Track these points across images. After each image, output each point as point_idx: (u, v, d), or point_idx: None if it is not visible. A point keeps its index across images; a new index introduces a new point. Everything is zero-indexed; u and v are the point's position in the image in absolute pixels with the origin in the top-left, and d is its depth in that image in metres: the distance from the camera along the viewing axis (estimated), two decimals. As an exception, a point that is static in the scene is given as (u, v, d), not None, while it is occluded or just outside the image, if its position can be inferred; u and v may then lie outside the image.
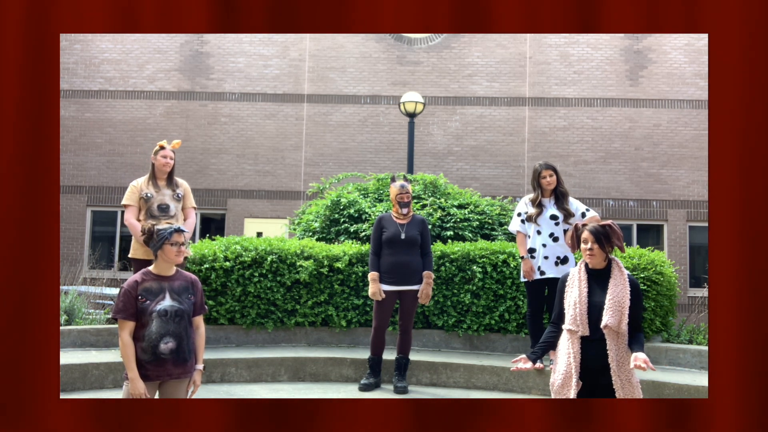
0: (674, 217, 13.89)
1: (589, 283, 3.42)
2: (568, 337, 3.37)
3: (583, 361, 3.33)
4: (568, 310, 3.40)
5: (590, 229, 3.40)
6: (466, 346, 6.36)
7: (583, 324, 3.33)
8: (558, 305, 3.51)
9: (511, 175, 14.17)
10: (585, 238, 3.41)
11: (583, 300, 3.35)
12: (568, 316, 3.39)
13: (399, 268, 5.26)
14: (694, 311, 12.07)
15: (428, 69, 14.46)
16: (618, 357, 3.29)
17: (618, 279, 3.38)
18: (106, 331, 6.00)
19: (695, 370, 5.72)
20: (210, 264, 6.28)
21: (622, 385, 3.28)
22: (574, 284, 3.43)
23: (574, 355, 3.32)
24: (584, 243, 3.41)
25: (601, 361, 3.30)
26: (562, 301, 3.48)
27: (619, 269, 3.42)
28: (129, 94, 14.48)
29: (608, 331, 3.30)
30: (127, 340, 3.19)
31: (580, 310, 3.34)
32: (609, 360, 3.28)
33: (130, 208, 5.41)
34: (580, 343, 3.34)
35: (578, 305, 3.35)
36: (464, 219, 7.29)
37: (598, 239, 3.38)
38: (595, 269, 3.45)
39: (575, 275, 3.46)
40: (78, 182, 14.31)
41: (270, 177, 14.31)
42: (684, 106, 14.16)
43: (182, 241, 3.29)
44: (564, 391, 3.34)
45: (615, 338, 3.31)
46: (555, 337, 3.51)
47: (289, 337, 6.40)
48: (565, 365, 3.35)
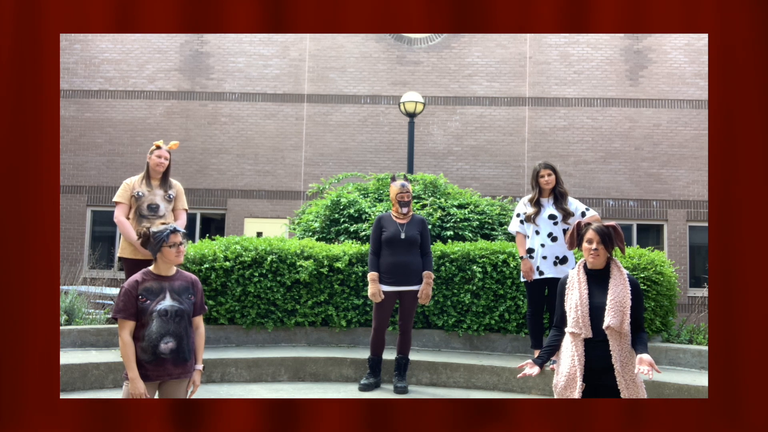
0: (674, 217, 13.89)
1: (589, 285, 3.39)
2: (571, 340, 3.35)
3: (586, 363, 3.31)
4: (570, 312, 3.37)
5: (596, 229, 3.37)
6: (466, 346, 6.36)
7: (586, 326, 3.31)
8: (559, 308, 3.48)
9: (511, 175, 14.17)
10: (590, 237, 3.37)
11: (584, 302, 3.33)
12: (570, 319, 3.37)
13: (399, 268, 5.26)
14: (694, 311, 12.07)
15: (428, 69, 14.46)
16: (621, 357, 3.27)
17: (618, 279, 3.35)
18: (106, 331, 6.00)
19: (695, 370, 5.72)
20: (210, 264, 6.28)
21: (626, 385, 3.27)
22: (574, 286, 3.41)
23: (578, 357, 3.30)
24: (588, 243, 3.37)
25: (604, 362, 3.29)
26: (563, 304, 3.45)
27: (619, 269, 3.39)
28: (129, 94, 14.48)
29: (611, 332, 3.28)
30: (128, 339, 3.19)
31: (581, 313, 3.32)
32: (612, 361, 3.27)
33: (121, 206, 5.39)
34: (583, 345, 3.32)
35: (579, 308, 3.33)
36: (464, 219, 7.29)
37: (604, 239, 3.35)
38: (594, 270, 3.42)
39: (574, 277, 3.43)
40: (78, 182, 14.31)
41: (270, 177, 14.31)
42: (684, 106, 14.16)
43: (180, 241, 3.29)
44: (567, 393, 3.32)
45: (618, 339, 3.29)
46: (558, 340, 3.48)
47: (289, 337, 6.40)
48: (568, 367, 3.33)
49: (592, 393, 3.31)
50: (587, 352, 3.31)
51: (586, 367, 3.31)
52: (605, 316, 3.29)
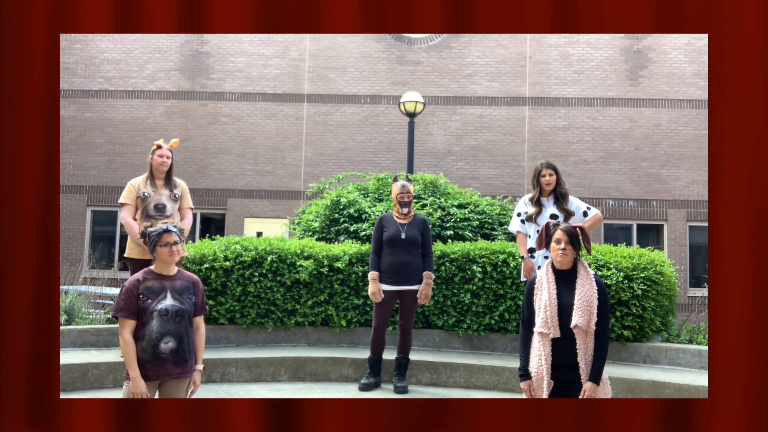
0: (674, 217, 13.89)
1: (557, 285, 3.47)
2: (539, 339, 3.43)
3: (553, 361, 3.39)
4: (539, 312, 3.45)
5: (563, 229, 3.47)
6: (466, 346, 6.36)
7: (554, 326, 3.39)
8: (528, 308, 3.55)
9: (511, 175, 14.17)
10: (558, 237, 3.46)
11: (553, 302, 3.41)
12: (539, 319, 3.44)
13: (399, 267, 5.26)
14: (694, 311, 12.07)
15: (428, 69, 14.46)
16: (586, 356, 3.36)
17: (585, 279, 3.44)
18: (106, 331, 6.00)
19: (695, 370, 5.72)
20: (210, 264, 6.28)
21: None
22: (543, 286, 3.48)
23: (546, 356, 3.38)
24: (557, 243, 3.46)
25: (570, 360, 3.37)
26: (532, 304, 3.52)
27: (585, 270, 3.48)
28: (129, 93, 14.48)
29: (578, 331, 3.37)
30: (129, 338, 3.18)
31: (550, 313, 3.40)
32: (578, 359, 3.35)
33: (127, 207, 5.39)
34: (551, 344, 3.40)
35: (549, 308, 3.41)
36: (464, 219, 7.29)
37: (572, 239, 3.44)
38: (561, 270, 3.50)
39: (543, 278, 3.51)
40: (78, 182, 14.31)
41: (270, 177, 14.31)
42: (684, 106, 14.16)
43: (173, 241, 3.27)
44: (537, 393, 3.41)
45: (584, 337, 3.38)
46: (530, 340, 3.54)
47: (289, 336, 6.40)
48: (536, 367, 3.42)
49: (561, 392, 3.39)
50: (554, 351, 3.39)
51: (553, 365, 3.39)
52: (573, 315, 3.37)
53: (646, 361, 5.98)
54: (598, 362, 3.35)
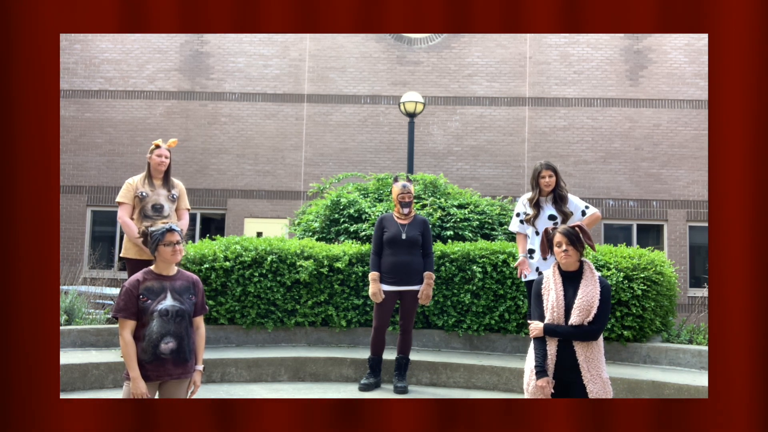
0: (674, 217, 13.89)
1: (564, 286, 3.51)
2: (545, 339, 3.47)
3: (557, 361, 3.43)
4: (547, 313, 3.48)
5: (562, 232, 3.51)
6: (466, 346, 6.36)
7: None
8: (537, 309, 3.56)
9: (511, 175, 14.17)
10: (558, 241, 3.51)
11: (560, 303, 3.45)
12: (547, 320, 3.48)
13: (399, 268, 5.26)
14: (694, 311, 12.06)
15: (428, 69, 14.46)
16: (586, 354, 3.39)
17: (589, 280, 3.48)
18: (106, 331, 6.00)
19: (695, 370, 5.72)
20: (210, 264, 6.28)
21: (592, 379, 3.38)
22: (550, 287, 3.52)
23: (551, 356, 3.42)
24: (558, 246, 3.51)
25: (572, 360, 3.40)
26: (541, 305, 3.55)
27: (591, 271, 3.52)
28: (129, 94, 14.48)
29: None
30: (129, 339, 3.18)
31: (557, 314, 3.44)
32: (577, 356, 3.38)
33: (124, 206, 5.37)
34: (556, 345, 3.43)
35: (556, 309, 3.45)
36: (464, 219, 7.29)
37: (572, 240, 3.48)
38: (568, 271, 3.53)
39: (550, 278, 3.54)
40: (78, 182, 14.30)
41: (270, 177, 14.31)
42: (684, 106, 14.16)
43: (176, 240, 3.28)
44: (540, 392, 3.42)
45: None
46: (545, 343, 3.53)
47: (289, 337, 6.40)
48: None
49: (563, 391, 3.41)
50: (559, 351, 3.43)
51: (556, 365, 3.42)
52: (571, 315, 3.41)
53: (646, 361, 5.98)
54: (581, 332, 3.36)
